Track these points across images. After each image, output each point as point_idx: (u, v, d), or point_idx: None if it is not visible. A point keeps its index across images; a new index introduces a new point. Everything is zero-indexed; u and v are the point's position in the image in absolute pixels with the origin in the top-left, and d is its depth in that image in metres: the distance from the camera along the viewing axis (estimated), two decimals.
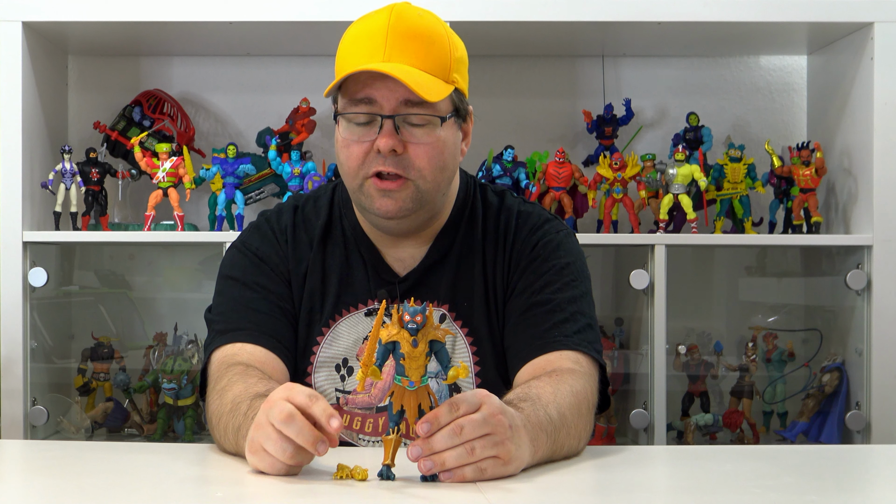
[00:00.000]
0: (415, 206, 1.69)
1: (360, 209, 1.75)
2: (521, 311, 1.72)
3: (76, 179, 2.56)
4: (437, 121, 1.66)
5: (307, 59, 2.85)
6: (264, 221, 1.83)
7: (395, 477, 1.35)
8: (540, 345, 1.68)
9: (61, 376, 2.69)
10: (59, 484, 1.40)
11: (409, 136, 1.66)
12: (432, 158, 1.67)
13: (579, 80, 2.90)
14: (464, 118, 1.74)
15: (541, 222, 1.79)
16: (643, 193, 2.65)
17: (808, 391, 2.64)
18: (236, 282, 1.77)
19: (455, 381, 1.40)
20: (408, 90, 1.62)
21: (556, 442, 1.51)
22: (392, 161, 1.65)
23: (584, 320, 1.73)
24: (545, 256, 1.75)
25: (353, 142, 1.67)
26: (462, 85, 1.71)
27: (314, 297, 1.76)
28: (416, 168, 1.66)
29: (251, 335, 1.71)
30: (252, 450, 1.39)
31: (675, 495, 1.40)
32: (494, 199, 1.82)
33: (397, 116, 1.64)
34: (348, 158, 1.68)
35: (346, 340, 1.75)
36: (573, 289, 1.74)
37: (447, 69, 1.68)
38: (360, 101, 1.66)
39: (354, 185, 1.70)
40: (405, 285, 1.75)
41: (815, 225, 2.60)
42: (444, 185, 1.72)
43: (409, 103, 1.64)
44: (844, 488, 1.44)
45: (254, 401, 1.51)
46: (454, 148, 1.72)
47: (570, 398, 1.57)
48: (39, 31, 2.56)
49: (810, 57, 2.88)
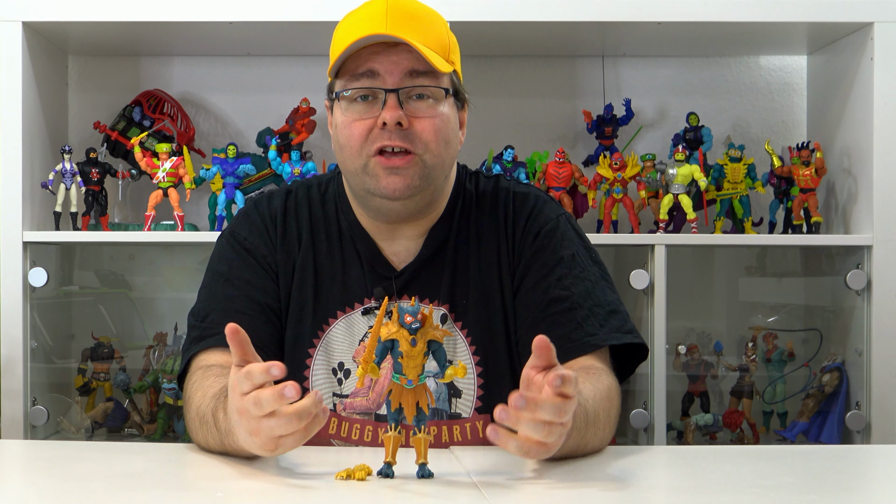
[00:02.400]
0: (422, 183, 1.65)
1: (363, 194, 1.70)
2: (541, 308, 1.69)
3: (76, 179, 2.56)
4: (441, 93, 1.64)
5: (307, 59, 2.85)
6: (253, 207, 1.80)
7: (394, 475, 1.35)
8: (570, 348, 1.66)
9: (61, 376, 2.69)
10: (59, 484, 1.40)
11: (413, 110, 1.63)
12: (438, 131, 1.65)
13: (579, 80, 2.90)
14: (461, 104, 1.73)
15: (540, 204, 1.76)
16: (643, 193, 2.65)
17: (808, 391, 2.64)
18: (220, 276, 1.75)
19: (452, 379, 1.40)
20: (413, 60, 1.60)
21: (584, 438, 1.49)
22: (398, 135, 1.62)
23: (607, 308, 1.70)
24: (553, 247, 1.72)
25: (355, 120, 1.64)
26: (459, 71, 1.70)
27: (305, 296, 1.73)
28: (422, 141, 1.64)
29: (222, 339, 1.67)
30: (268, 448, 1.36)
31: (675, 495, 1.40)
32: (488, 184, 1.79)
33: (402, 90, 1.62)
34: (350, 137, 1.65)
35: (342, 343, 1.73)
36: (585, 280, 1.71)
37: (446, 49, 1.67)
38: (361, 76, 1.63)
39: (358, 166, 1.66)
40: (402, 280, 1.73)
41: (815, 225, 2.60)
42: (448, 163, 1.70)
43: (414, 74, 1.62)
44: (844, 488, 1.44)
45: (219, 399, 1.50)
46: (455, 126, 1.70)
47: (605, 401, 1.56)
48: (39, 31, 2.56)
49: (810, 57, 2.88)
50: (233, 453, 1.49)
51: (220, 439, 1.49)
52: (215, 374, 1.60)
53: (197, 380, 1.61)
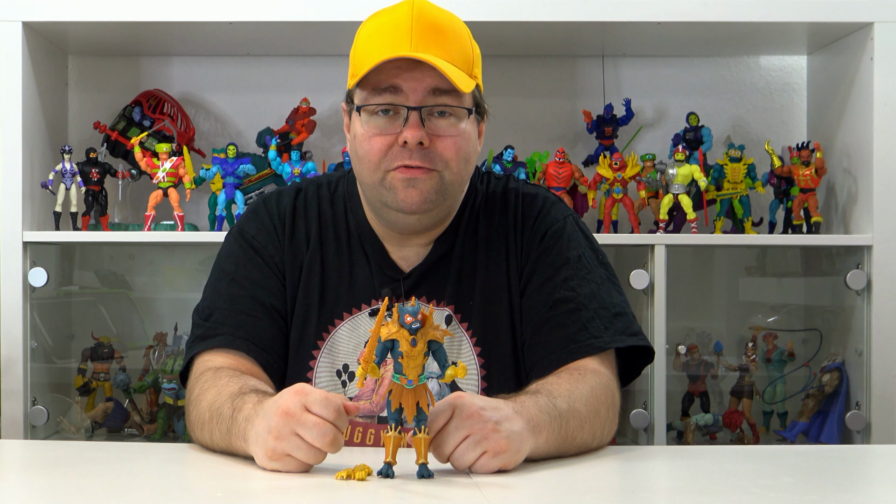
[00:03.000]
0: (438, 198, 1.65)
1: (378, 205, 1.69)
2: (546, 309, 1.69)
3: (76, 179, 2.56)
4: (463, 112, 1.63)
5: (307, 59, 2.85)
6: (262, 205, 1.79)
7: (394, 475, 1.35)
8: (574, 350, 1.65)
9: (61, 376, 2.69)
10: (59, 484, 1.40)
11: (434, 128, 1.62)
12: (459, 150, 1.64)
13: (579, 80, 2.90)
14: (482, 117, 1.72)
15: (547, 206, 1.76)
16: (643, 193, 2.65)
17: (808, 391, 2.64)
18: (226, 275, 1.75)
19: (453, 379, 1.40)
20: (437, 78, 1.59)
21: (565, 430, 1.49)
22: (418, 154, 1.61)
23: (613, 310, 1.70)
24: (559, 248, 1.72)
25: (375, 134, 1.63)
26: (480, 82, 1.69)
27: (311, 297, 1.73)
28: (442, 160, 1.63)
29: (226, 340, 1.68)
30: (273, 456, 1.37)
31: (675, 495, 1.40)
32: (498, 185, 1.79)
33: (424, 108, 1.61)
34: (369, 152, 1.64)
35: (346, 345, 1.72)
36: (591, 281, 1.71)
37: (470, 63, 1.65)
38: (384, 91, 1.61)
39: (375, 179, 1.65)
40: (409, 282, 1.72)
41: (815, 225, 2.60)
42: (466, 179, 1.69)
43: (438, 92, 1.61)
44: (844, 488, 1.44)
45: (235, 400, 1.50)
46: (476, 142, 1.70)
47: (588, 395, 1.56)
48: (39, 31, 2.56)
49: (810, 57, 2.88)
50: (235, 452, 1.50)
51: (230, 440, 1.49)
52: (228, 375, 1.60)
53: (209, 379, 1.61)
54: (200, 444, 1.60)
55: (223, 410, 1.51)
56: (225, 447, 1.52)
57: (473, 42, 1.70)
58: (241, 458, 1.49)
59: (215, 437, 1.53)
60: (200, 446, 1.61)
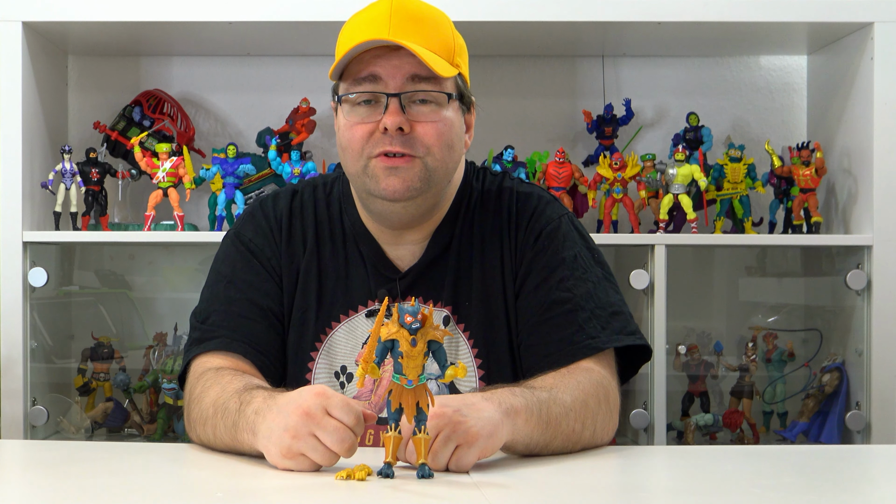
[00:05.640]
0: (422, 185, 1.65)
1: (364, 195, 1.70)
2: (542, 310, 1.69)
3: (76, 179, 2.56)
4: (443, 98, 1.63)
5: (307, 59, 2.85)
6: (259, 208, 1.79)
7: (394, 475, 1.35)
8: (572, 351, 1.65)
9: (61, 376, 2.69)
10: (59, 484, 1.40)
11: (414, 114, 1.63)
12: (440, 135, 1.64)
13: (579, 80, 2.90)
14: (467, 107, 1.72)
15: (542, 205, 1.75)
16: (643, 193, 2.65)
17: (808, 391, 2.64)
18: (223, 278, 1.75)
19: (452, 380, 1.40)
20: (415, 64, 1.59)
21: (547, 414, 1.49)
22: (399, 140, 1.62)
23: (609, 310, 1.70)
24: (555, 248, 1.71)
25: (357, 123, 1.64)
26: (465, 72, 1.69)
27: (309, 300, 1.73)
28: (424, 145, 1.63)
29: (223, 342, 1.69)
30: (288, 454, 1.38)
31: (675, 495, 1.40)
32: (493, 183, 1.78)
33: (403, 94, 1.61)
34: (351, 140, 1.65)
35: (344, 346, 1.73)
36: (587, 281, 1.70)
37: (451, 52, 1.65)
38: (363, 80, 1.62)
39: (359, 167, 1.65)
40: (406, 282, 1.72)
41: (815, 225, 2.60)
42: (451, 167, 1.69)
43: (417, 79, 1.61)
44: (844, 488, 1.44)
45: (242, 395, 1.50)
46: (460, 130, 1.69)
47: (573, 386, 1.57)
48: (39, 31, 2.56)
49: (810, 57, 2.88)
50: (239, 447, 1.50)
51: (235, 434, 1.49)
52: (230, 374, 1.60)
53: (211, 377, 1.61)
54: (201, 441, 1.60)
55: (229, 405, 1.51)
56: (229, 441, 1.51)
57: (457, 33, 1.70)
58: (242, 457, 1.49)
59: (219, 431, 1.53)
60: (200, 445, 1.61)
